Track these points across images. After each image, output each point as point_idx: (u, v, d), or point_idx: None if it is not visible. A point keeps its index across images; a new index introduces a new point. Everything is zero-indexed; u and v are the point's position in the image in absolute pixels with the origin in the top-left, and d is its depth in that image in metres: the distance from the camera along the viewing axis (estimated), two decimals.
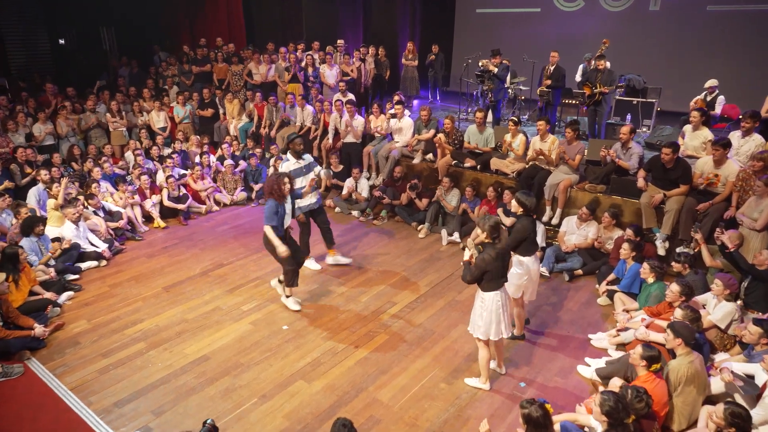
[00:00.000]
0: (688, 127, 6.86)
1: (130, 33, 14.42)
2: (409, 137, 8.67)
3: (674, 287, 4.73)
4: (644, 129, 9.67)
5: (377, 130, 8.96)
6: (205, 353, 5.04)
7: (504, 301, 4.29)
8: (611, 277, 6.05)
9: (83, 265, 6.64)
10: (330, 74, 10.42)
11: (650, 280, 5.25)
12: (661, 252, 6.32)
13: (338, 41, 11.35)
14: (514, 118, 7.53)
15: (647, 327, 4.71)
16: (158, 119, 10.44)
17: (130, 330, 5.41)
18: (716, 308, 4.98)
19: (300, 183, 6.07)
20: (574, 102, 9.01)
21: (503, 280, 4.31)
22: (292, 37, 12.88)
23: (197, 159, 9.29)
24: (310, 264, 6.65)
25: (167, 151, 9.79)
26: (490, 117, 9.82)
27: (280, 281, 5.90)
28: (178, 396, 4.47)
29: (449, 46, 14.67)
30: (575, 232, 6.85)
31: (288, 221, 5.51)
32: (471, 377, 4.70)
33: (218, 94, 11.02)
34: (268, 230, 5.29)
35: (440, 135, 8.27)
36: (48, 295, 5.70)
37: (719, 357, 4.72)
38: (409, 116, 8.98)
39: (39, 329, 5.09)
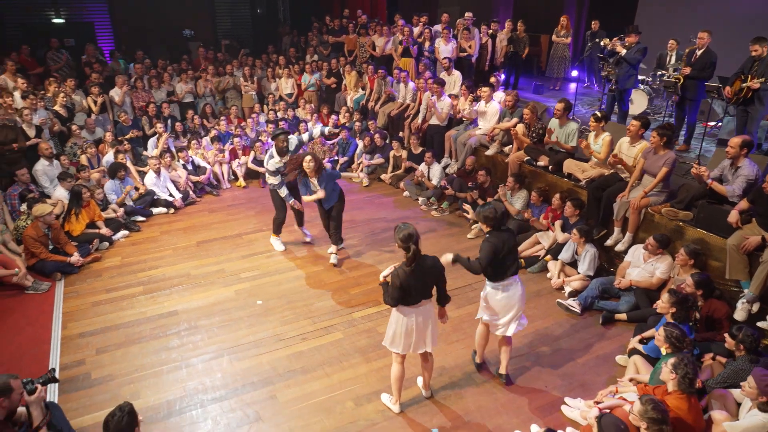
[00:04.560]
0: None
1: (300, 3, 15.60)
2: (492, 125, 7.69)
3: (670, 362, 3.34)
4: None
5: (462, 114, 8.16)
6: (176, 309, 5.37)
7: (422, 320, 3.80)
8: (650, 332, 4.59)
9: (155, 210, 7.59)
10: (445, 50, 9.74)
11: (664, 350, 3.83)
12: (740, 316, 4.55)
13: (466, 14, 10.50)
14: (597, 113, 6.05)
15: (608, 410, 3.49)
16: (286, 86, 11.15)
17: (142, 274, 6.03)
18: (747, 414, 3.43)
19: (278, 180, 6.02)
20: (713, 94, 6.87)
21: (421, 298, 3.77)
22: (435, 8, 12.38)
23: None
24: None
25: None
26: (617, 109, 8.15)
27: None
28: (126, 341, 4.87)
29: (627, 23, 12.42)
30: (640, 266, 5.35)
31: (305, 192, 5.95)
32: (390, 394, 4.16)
33: (343, 64, 11.28)
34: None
35: (519, 125, 7.15)
36: (103, 231, 6.67)
37: None
38: (501, 101, 7.93)
39: (74, 258, 6.02)
